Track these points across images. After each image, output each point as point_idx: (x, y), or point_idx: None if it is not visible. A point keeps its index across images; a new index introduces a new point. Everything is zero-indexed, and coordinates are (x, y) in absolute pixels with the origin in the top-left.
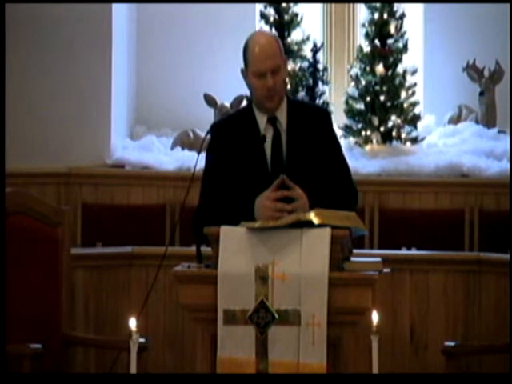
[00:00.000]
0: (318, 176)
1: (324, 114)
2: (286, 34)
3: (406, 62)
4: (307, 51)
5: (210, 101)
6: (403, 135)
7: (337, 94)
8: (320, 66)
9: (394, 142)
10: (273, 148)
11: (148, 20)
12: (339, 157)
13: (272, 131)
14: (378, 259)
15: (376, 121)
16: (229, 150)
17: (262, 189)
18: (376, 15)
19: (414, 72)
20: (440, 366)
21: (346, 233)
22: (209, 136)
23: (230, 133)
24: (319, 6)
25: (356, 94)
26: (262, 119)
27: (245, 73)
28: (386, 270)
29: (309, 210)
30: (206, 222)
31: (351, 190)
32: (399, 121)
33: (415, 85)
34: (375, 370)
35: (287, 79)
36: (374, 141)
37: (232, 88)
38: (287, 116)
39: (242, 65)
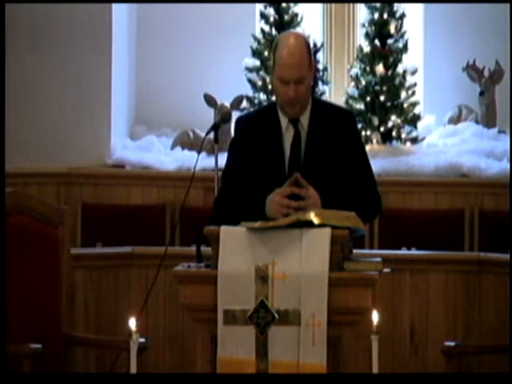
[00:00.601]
0: (336, 178)
1: (348, 116)
2: None
3: (406, 62)
4: None
5: (210, 101)
6: (403, 135)
7: (337, 94)
8: (320, 66)
9: (394, 142)
10: (292, 149)
11: (148, 20)
12: (363, 160)
13: (293, 132)
14: (378, 259)
15: (376, 121)
16: (250, 148)
17: (278, 188)
18: (376, 15)
19: (413, 72)
20: (440, 366)
21: (346, 233)
22: (233, 131)
23: (254, 129)
24: (319, 5)
25: (356, 94)
26: (284, 119)
27: (272, 70)
28: (385, 270)
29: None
30: (222, 219)
31: (374, 195)
32: (399, 121)
33: (415, 85)
34: (375, 370)
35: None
36: (374, 141)
37: (232, 88)
38: (310, 117)
39: (245, 62)
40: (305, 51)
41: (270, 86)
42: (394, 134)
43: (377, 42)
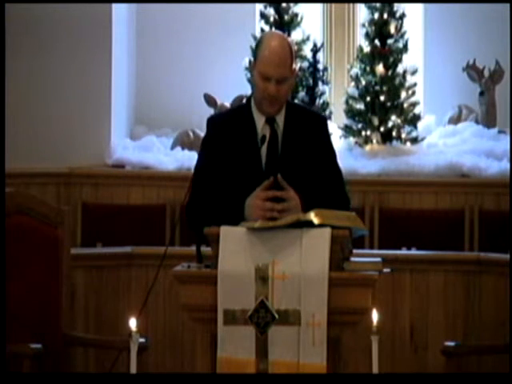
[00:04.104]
0: (310, 180)
1: (321, 120)
2: (286, 34)
3: (406, 62)
4: (307, 51)
5: (210, 101)
6: (403, 135)
7: (337, 94)
8: (320, 66)
9: (394, 142)
10: (269, 148)
11: (148, 20)
12: (333, 164)
13: (269, 132)
14: (378, 259)
15: (376, 121)
16: (223, 148)
17: (255, 188)
18: (376, 15)
19: (413, 72)
20: (440, 366)
21: (346, 233)
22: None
23: (227, 129)
24: (319, 5)
25: (356, 93)
26: (259, 119)
27: (252, 66)
28: (386, 269)
29: (302, 212)
30: (197, 219)
31: (343, 198)
32: (399, 121)
33: (415, 85)
34: (375, 370)
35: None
36: (374, 141)
37: (232, 88)
38: (285, 118)
39: (245, 62)
40: (288, 52)
41: None
42: (394, 133)
43: (377, 42)
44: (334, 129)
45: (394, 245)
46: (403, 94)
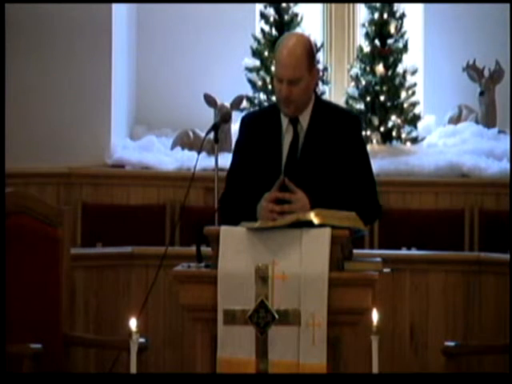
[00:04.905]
0: (332, 181)
1: (353, 120)
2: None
3: (406, 62)
4: None
5: (210, 101)
6: (403, 135)
7: (337, 94)
8: (320, 66)
9: (394, 142)
10: (290, 150)
11: (148, 20)
12: (364, 166)
13: (292, 132)
14: (378, 259)
15: (376, 121)
16: (252, 147)
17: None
18: (376, 15)
19: (413, 72)
20: (440, 366)
21: (346, 233)
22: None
23: (256, 129)
24: (319, 5)
25: (356, 93)
26: (284, 120)
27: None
28: (386, 269)
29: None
30: (227, 217)
31: (372, 202)
32: (399, 121)
33: (415, 85)
34: (375, 370)
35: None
36: (374, 141)
37: (232, 88)
38: (310, 118)
39: (245, 62)
40: (304, 53)
41: (270, 86)
42: (394, 133)
43: (377, 42)
44: (363, 136)
45: (394, 245)
46: (403, 94)
